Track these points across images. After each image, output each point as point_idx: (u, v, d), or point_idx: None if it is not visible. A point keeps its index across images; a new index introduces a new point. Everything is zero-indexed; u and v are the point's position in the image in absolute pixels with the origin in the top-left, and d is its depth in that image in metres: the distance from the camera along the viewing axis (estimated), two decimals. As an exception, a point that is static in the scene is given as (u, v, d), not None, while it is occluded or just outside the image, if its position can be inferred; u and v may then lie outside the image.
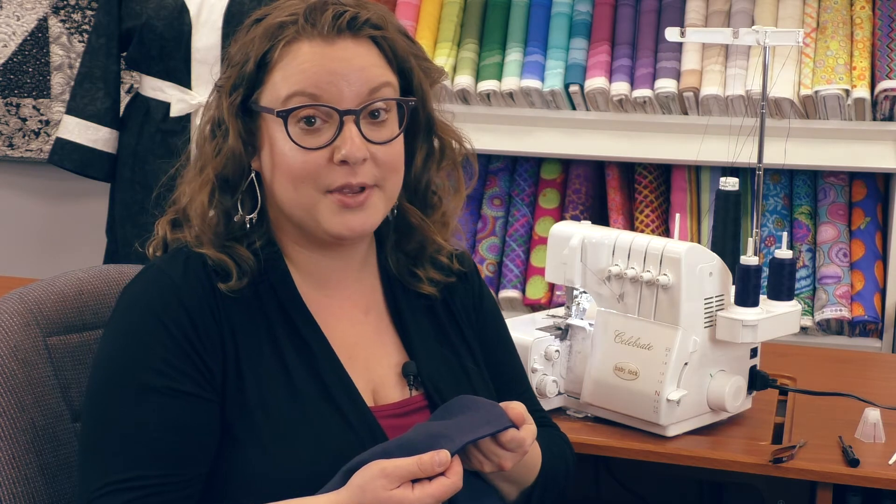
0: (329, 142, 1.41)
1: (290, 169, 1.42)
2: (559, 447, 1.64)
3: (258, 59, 1.43)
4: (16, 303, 1.53)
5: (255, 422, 1.39)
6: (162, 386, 1.37)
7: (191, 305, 1.40)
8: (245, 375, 1.40)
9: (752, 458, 1.86)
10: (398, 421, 1.46)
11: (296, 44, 1.42)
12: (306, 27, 1.42)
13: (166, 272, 1.43)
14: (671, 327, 1.89)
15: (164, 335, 1.38)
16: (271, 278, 1.47)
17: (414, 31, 3.21)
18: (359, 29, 1.43)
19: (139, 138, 3.00)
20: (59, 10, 3.66)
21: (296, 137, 1.41)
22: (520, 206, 3.22)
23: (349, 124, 1.41)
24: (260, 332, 1.44)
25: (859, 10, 3.00)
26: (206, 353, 1.39)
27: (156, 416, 1.36)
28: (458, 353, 1.57)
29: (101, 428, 1.37)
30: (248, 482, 1.38)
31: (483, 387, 1.57)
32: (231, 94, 1.45)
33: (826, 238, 3.00)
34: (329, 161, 1.41)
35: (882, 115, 2.92)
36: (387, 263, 1.56)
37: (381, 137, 1.44)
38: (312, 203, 1.43)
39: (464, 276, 1.62)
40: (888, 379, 2.35)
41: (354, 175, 1.41)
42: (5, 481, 1.44)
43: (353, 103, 1.41)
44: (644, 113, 3.06)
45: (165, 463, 1.35)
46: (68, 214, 3.79)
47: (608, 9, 3.14)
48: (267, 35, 1.44)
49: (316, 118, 1.41)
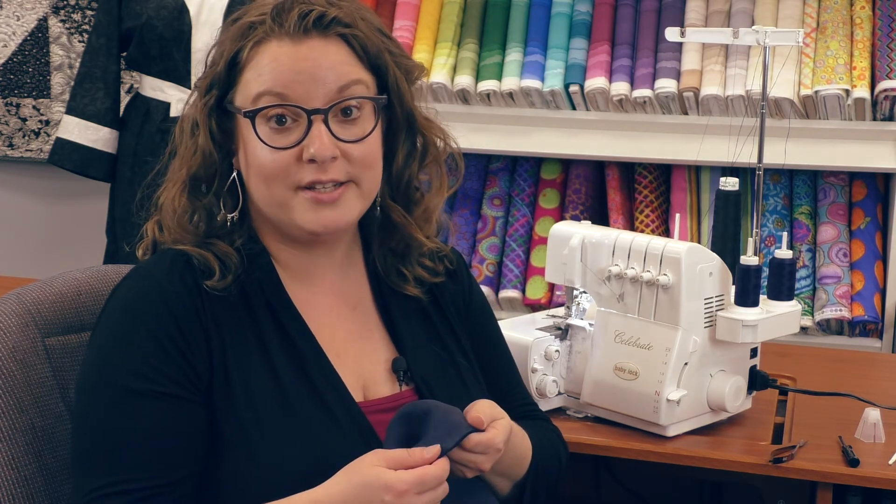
0: (298, 141, 1.42)
1: (261, 168, 1.43)
2: (550, 439, 1.65)
3: (228, 59, 1.44)
4: (14, 303, 1.53)
5: (242, 421, 1.39)
6: (145, 389, 1.37)
7: (175, 307, 1.40)
8: (232, 374, 1.41)
9: (752, 458, 1.86)
10: (389, 416, 1.46)
11: (265, 44, 1.43)
12: (274, 27, 1.43)
13: (151, 274, 1.44)
14: (671, 327, 1.89)
15: (147, 338, 1.38)
16: (257, 276, 1.47)
17: (414, 31, 3.21)
18: (326, 27, 1.44)
19: (139, 138, 3.00)
20: (59, 10, 3.66)
21: (265, 137, 1.42)
22: (520, 206, 3.22)
23: (317, 123, 1.42)
24: (246, 329, 1.44)
25: (859, 10, 3.00)
26: (192, 354, 1.39)
27: (139, 420, 1.36)
28: (448, 348, 1.57)
29: (88, 432, 1.38)
30: (238, 483, 1.38)
31: (473, 381, 1.57)
32: (206, 95, 1.46)
33: (826, 238, 3.00)
34: (298, 160, 1.42)
35: (882, 115, 2.92)
36: (374, 262, 1.56)
37: (352, 135, 1.44)
38: (285, 200, 1.44)
39: (453, 272, 1.63)
40: (888, 379, 2.35)
41: (325, 172, 1.42)
42: (4, 482, 1.44)
43: (322, 102, 1.42)
44: (644, 113, 3.06)
45: (151, 467, 1.35)
46: (68, 214, 3.79)
47: (608, 9, 3.14)
48: (237, 35, 1.45)
49: (286, 117, 1.42)
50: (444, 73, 3.12)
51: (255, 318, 1.45)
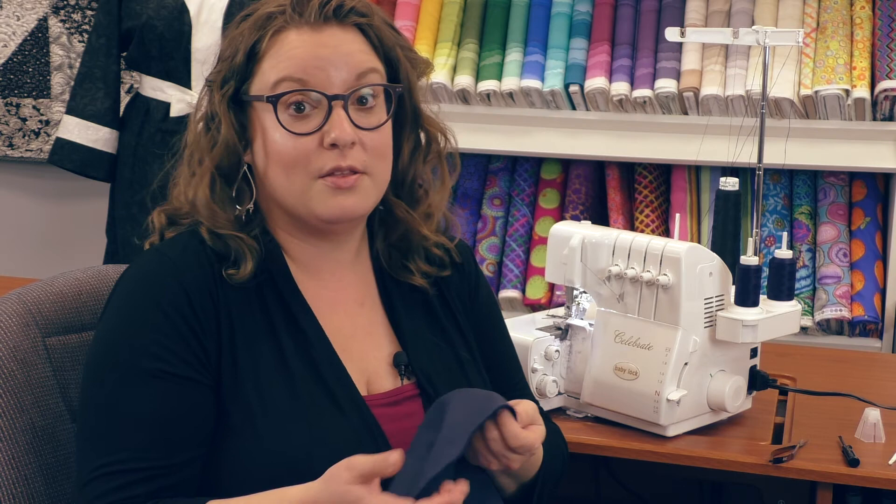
0: (318, 127, 1.43)
1: (281, 155, 1.44)
2: (555, 439, 1.65)
3: (248, 49, 1.46)
4: (15, 303, 1.53)
5: (250, 408, 1.39)
6: (155, 369, 1.37)
7: (189, 284, 1.41)
8: (241, 361, 1.41)
9: (752, 458, 1.86)
10: (390, 409, 1.47)
11: (284, 32, 1.45)
12: (294, 16, 1.45)
13: (165, 252, 1.45)
14: (671, 327, 1.89)
15: (158, 316, 1.39)
16: (270, 267, 1.48)
17: (414, 31, 3.21)
18: (345, 16, 1.46)
19: (139, 138, 3.00)
20: (59, 10, 3.66)
21: (286, 123, 1.43)
22: (520, 206, 3.22)
23: (338, 109, 1.43)
24: (257, 316, 1.45)
25: (859, 10, 3.00)
26: (203, 334, 1.40)
27: (146, 400, 1.36)
28: (452, 342, 1.58)
29: (96, 411, 1.38)
30: (242, 469, 1.38)
31: (477, 376, 1.58)
32: (223, 87, 1.47)
33: (826, 238, 3.00)
34: (319, 146, 1.43)
35: (882, 115, 2.92)
36: (378, 256, 1.57)
37: (369, 123, 1.46)
38: (304, 189, 1.44)
39: (460, 266, 1.63)
40: (888, 379, 2.35)
41: (344, 158, 1.43)
42: (5, 482, 1.44)
43: (341, 88, 1.44)
44: (644, 113, 3.06)
45: (156, 447, 1.36)
46: (68, 214, 3.79)
47: (608, 9, 3.14)
48: (256, 26, 1.46)
49: (305, 104, 1.43)
50: (444, 73, 3.12)
51: (266, 306, 1.46)
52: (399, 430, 1.46)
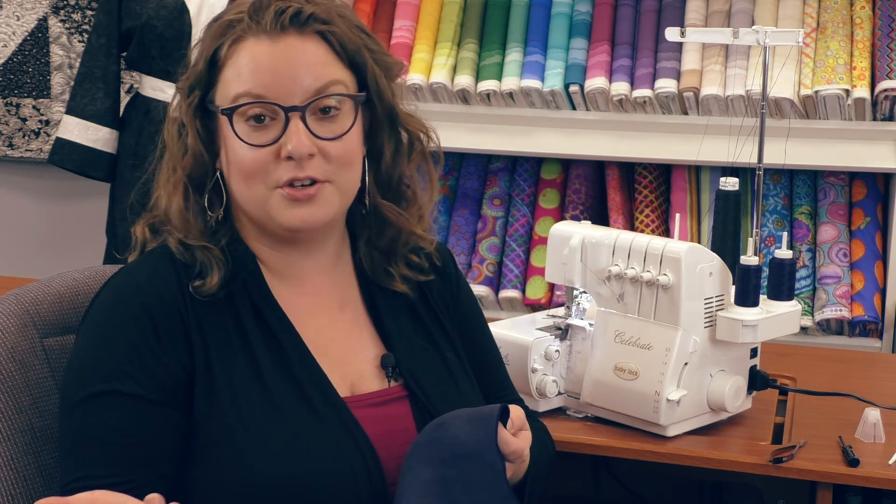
0: (276, 139, 1.42)
1: (241, 166, 1.44)
2: (542, 440, 1.65)
3: (208, 58, 1.45)
4: (12, 304, 1.53)
5: (227, 422, 1.39)
6: (110, 389, 1.38)
7: (155, 309, 1.41)
8: (216, 375, 1.41)
9: (752, 458, 1.86)
10: (375, 410, 1.47)
11: (242, 42, 1.44)
12: (251, 25, 1.44)
13: (132, 275, 1.45)
14: (671, 327, 1.89)
15: (119, 341, 1.40)
16: (242, 276, 1.47)
17: (414, 31, 3.21)
18: (303, 24, 1.44)
19: (139, 138, 3.00)
20: (59, 10, 3.66)
21: (244, 135, 1.43)
22: (520, 206, 3.22)
23: (295, 120, 1.42)
24: (231, 330, 1.44)
25: (859, 10, 3.00)
26: (167, 356, 1.40)
27: (103, 419, 1.37)
28: (438, 344, 1.58)
29: (63, 428, 1.41)
30: (220, 483, 1.38)
31: (463, 377, 1.58)
32: (189, 96, 1.47)
33: (826, 238, 3.00)
34: (277, 157, 1.43)
35: (882, 115, 2.92)
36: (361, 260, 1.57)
37: (331, 133, 1.44)
38: (264, 199, 1.44)
39: (441, 269, 1.63)
40: (888, 379, 2.35)
41: (302, 169, 1.42)
42: (3, 482, 1.44)
43: (300, 100, 1.42)
44: (644, 113, 3.06)
45: (115, 464, 1.36)
46: (68, 214, 3.79)
47: (608, 9, 3.14)
48: (216, 34, 1.46)
49: (264, 116, 1.43)
50: (444, 73, 3.12)
51: (240, 318, 1.45)
52: (384, 431, 1.46)
